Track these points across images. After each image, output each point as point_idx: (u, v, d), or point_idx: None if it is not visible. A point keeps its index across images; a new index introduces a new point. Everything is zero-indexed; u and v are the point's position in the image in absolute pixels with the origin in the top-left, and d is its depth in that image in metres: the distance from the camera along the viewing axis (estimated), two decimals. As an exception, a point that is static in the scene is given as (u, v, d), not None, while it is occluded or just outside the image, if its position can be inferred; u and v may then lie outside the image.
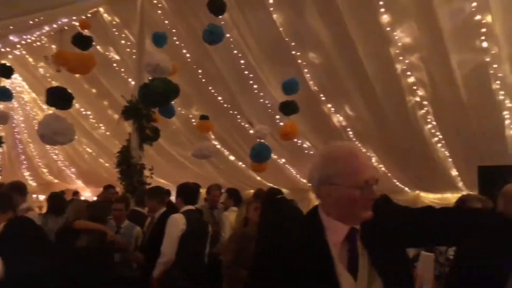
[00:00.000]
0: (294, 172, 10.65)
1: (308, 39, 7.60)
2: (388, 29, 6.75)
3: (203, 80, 9.06)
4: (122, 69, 10.21)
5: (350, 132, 8.79)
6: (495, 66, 6.57)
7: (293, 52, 7.74)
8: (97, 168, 13.81)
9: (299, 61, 7.84)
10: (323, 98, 8.40)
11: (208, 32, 6.42)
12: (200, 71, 9.01)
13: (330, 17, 7.10)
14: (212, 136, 10.11)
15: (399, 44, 6.94)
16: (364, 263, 1.55)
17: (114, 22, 9.49)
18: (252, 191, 8.47)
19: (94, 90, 11.32)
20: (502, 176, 5.94)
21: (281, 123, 8.15)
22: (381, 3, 6.50)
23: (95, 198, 9.56)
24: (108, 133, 12.25)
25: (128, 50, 9.49)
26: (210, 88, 9.19)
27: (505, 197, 2.52)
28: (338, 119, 8.74)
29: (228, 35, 7.40)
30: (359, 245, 1.58)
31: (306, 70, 7.97)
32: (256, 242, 3.76)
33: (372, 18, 6.75)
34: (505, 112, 7.16)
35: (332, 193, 1.59)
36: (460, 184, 8.78)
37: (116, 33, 9.54)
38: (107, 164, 12.78)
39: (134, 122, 7.39)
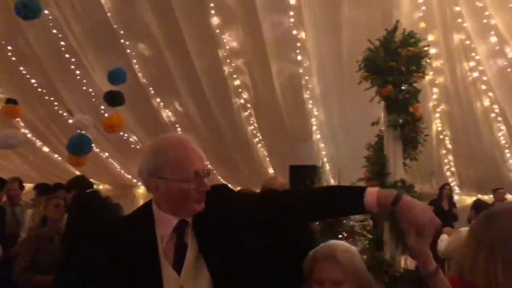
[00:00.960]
0: (119, 167, 10.15)
1: (138, 29, 7.33)
2: (217, 31, 6.98)
3: (13, 58, 7.88)
4: None
5: (179, 128, 8.81)
6: (306, 77, 7.43)
7: (122, 41, 7.36)
8: None
9: (128, 50, 7.50)
10: (152, 92, 8.22)
11: (21, 4, 5.60)
12: (9, 47, 7.81)
13: (162, 12, 6.98)
14: (22, 124, 8.89)
15: (227, 47, 7.26)
16: (192, 256, 1.50)
17: None
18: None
19: None
20: (309, 174, 6.73)
21: (107, 114, 7.67)
22: (212, 5, 6.69)
23: None
24: None
25: None
26: (21, 68, 8.05)
27: None
28: (167, 114, 8.67)
29: (46, 11, 6.60)
30: (190, 237, 1.53)
31: (135, 61, 7.67)
32: (63, 241, 3.43)
33: (203, 18, 6.90)
34: (313, 119, 8.17)
35: (161, 186, 1.50)
36: (275, 181, 9.66)
37: None
38: None
39: None
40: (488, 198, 8.63)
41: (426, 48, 4.89)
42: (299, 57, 7.11)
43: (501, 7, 6.07)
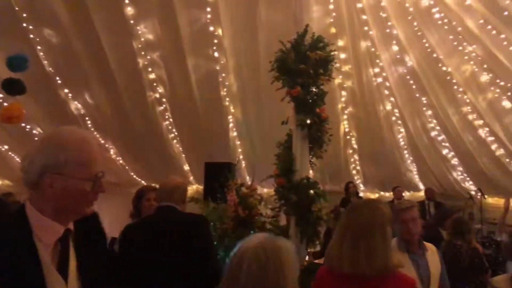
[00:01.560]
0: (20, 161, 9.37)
1: (44, 14, 6.81)
2: (132, 22, 6.73)
3: None
4: None
5: (89, 121, 8.37)
6: (223, 75, 7.46)
7: (25, 25, 6.79)
8: None
9: (32, 36, 6.94)
10: (60, 82, 7.70)
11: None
12: None
13: (71, -2, 6.58)
14: None
15: (142, 39, 7.03)
16: (73, 266, 1.43)
17: None
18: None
19: None
20: (224, 171, 6.75)
21: (6, 104, 7.03)
22: (126, -6, 6.44)
23: None
24: None
25: None
26: None
27: None
28: (76, 106, 8.18)
29: None
30: (71, 246, 1.45)
31: (40, 48, 7.12)
32: None
33: (116, 7, 6.60)
34: (229, 117, 8.23)
35: (57, 183, 1.37)
36: (191, 178, 9.59)
37: None
38: None
39: None
40: (389, 195, 9.37)
41: (333, 53, 5.17)
42: (216, 54, 7.12)
43: (402, 18, 6.60)
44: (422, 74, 7.16)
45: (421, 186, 9.39)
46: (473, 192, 8.64)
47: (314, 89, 5.11)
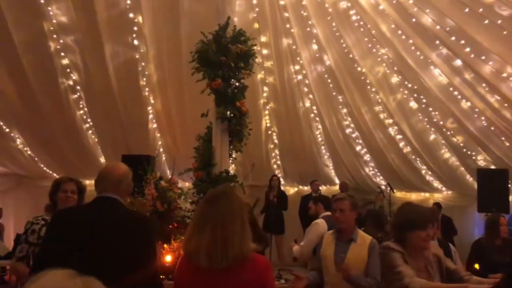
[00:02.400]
0: None
1: None
2: (42, 1, 6.22)
3: None
4: None
5: (-8, 109, 7.62)
6: (143, 64, 7.19)
7: None
8: None
9: None
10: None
11: None
12: None
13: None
14: None
15: (54, 21, 6.53)
16: None
17: None
18: None
19: None
20: (142, 164, 6.51)
21: None
22: (35, -30, 5.93)
23: None
24: None
25: None
26: None
27: None
28: (-25, 90, 7.39)
29: None
30: None
31: None
32: None
33: (24, -16, 6.06)
34: (149, 107, 7.95)
35: None
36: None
37: None
38: None
39: None
40: (307, 188, 9.71)
41: (254, 48, 5.21)
42: (135, 42, 6.82)
43: (322, 18, 6.83)
44: (339, 73, 7.48)
45: (337, 180, 9.85)
46: (383, 187, 9.24)
47: (235, 83, 5.11)
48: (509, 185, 7.54)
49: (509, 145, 7.33)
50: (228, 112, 5.06)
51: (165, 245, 5.20)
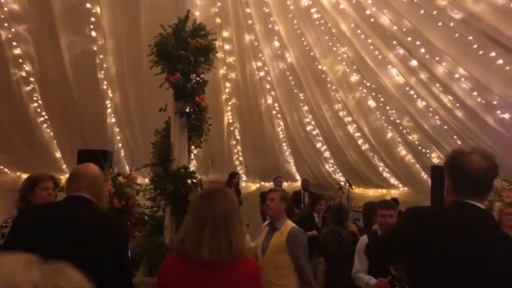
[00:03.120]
0: None
1: None
2: (-9, -13, 5.92)
3: None
4: None
5: None
6: (101, 56, 6.97)
7: None
8: None
9: None
10: None
11: None
12: None
13: None
14: None
15: (5, 9, 6.23)
16: None
17: None
18: None
19: None
20: (98, 160, 6.33)
21: None
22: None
23: None
24: None
25: None
26: None
27: None
28: None
29: None
30: None
31: None
32: None
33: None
34: (107, 102, 7.74)
35: None
36: (64, 166, 8.85)
37: None
38: None
39: None
40: (269, 185, 9.76)
41: (215, 42, 5.14)
42: (93, 33, 6.61)
43: (284, 15, 6.86)
44: (300, 71, 7.55)
45: (298, 177, 9.97)
46: (342, 183, 9.43)
47: (194, 77, 5.04)
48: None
49: (461, 144, 7.64)
50: (188, 107, 4.97)
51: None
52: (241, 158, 9.53)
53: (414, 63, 6.46)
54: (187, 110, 5.00)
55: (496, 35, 5.11)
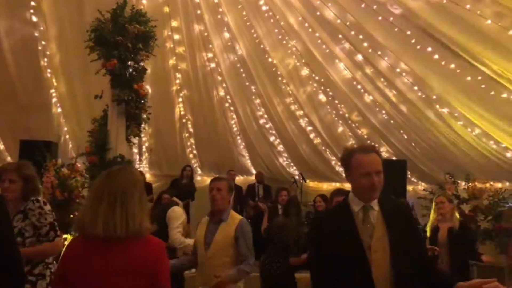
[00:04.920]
0: None
1: None
2: None
3: None
4: None
5: None
6: (43, 43, 6.73)
7: None
8: None
9: None
10: None
11: None
12: None
13: None
14: None
15: None
16: None
17: None
18: None
19: None
20: (42, 151, 6.10)
21: None
22: None
23: None
24: None
25: None
26: None
27: None
28: None
29: None
30: None
31: None
32: None
33: None
34: (52, 90, 7.48)
35: None
36: (9, 158, 8.50)
37: None
38: None
39: None
40: (224, 179, 9.68)
41: (154, 29, 5.05)
42: (34, 18, 6.37)
43: (232, 6, 6.82)
44: (251, 63, 7.54)
45: (253, 170, 9.96)
46: (296, 177, 9.47)
47: (133, 64, 4.94)
48: (408, 175, 8.08)
49: (407, 138, 7.84)
50: (126, 95, 4.87)
51: (64, 236, 4.95)
52: (194, 151, 9.43)
53: (359, 57, 6.57)
54: (125, 98, 4.90)
55: (432, 30, 5.26)
